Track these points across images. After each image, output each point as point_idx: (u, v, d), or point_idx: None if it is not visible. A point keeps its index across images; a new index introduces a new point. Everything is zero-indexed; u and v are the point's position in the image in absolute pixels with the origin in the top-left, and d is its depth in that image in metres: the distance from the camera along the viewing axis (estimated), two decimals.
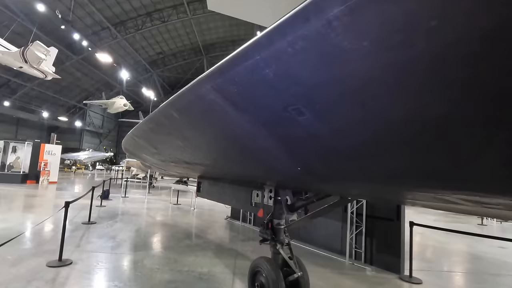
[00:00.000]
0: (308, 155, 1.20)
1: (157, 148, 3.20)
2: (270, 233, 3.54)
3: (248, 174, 2.78)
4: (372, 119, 0.87)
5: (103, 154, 37.80)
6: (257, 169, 2.18)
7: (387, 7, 0.60)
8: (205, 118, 1.68)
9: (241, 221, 8.58)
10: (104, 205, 10.57)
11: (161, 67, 44.92)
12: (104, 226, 7.26)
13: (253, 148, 1.57)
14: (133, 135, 3.42)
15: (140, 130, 2.99)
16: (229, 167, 2.70)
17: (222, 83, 1.24)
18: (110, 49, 33.36)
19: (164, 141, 2.70)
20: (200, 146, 2.22)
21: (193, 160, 3.03)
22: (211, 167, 3.17)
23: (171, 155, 3.27)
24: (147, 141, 3.21)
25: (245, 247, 6.18)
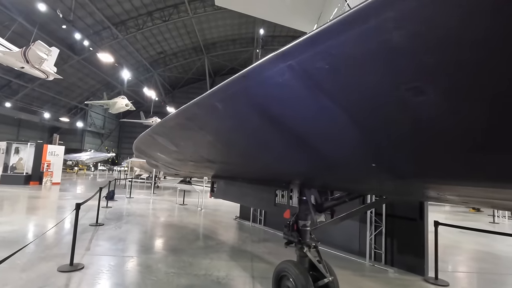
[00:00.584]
0: (402, 150, 1.02)
1: (178, 145, 3.00)
2: (296, 235, 3.34)
3: (284, 172, 2.59)
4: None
5: (105, 155, 37.62)
6: (301, 166, 1.99)
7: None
8: (248, 112, 1.50)
9: (251, 221, 8.39)
10: (110, 206, 10.40)
11: (162, 67, 44.73)
12: (112, 228, 7.08)
13: (310, 142, 1.38)
14: (152, 133, 3.23)
15: (163, 127, 2.80)
16: (262, 165, 2.51)
17: (284, 70, 1.07)
18: (111, 49, 33.17)
19: (191, 137, 2.51)
20: (234, 142, 2.04)
21: (218, 158, 2.85)
22: (236, 165, 3.00)
23: (194, 153, 3.08)
24: (169, 138, 3.02)
25: (259, 248, 5.99)
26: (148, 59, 41.17)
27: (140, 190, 17.31)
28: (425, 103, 0.76)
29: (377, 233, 5.41)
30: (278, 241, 6.67)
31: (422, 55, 0.68)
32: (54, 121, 38.41)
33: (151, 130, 3.68)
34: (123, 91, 41.93)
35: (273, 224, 7.93)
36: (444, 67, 0.69)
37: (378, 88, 0.83)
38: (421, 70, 0.72)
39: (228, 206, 12.58)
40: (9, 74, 28.69)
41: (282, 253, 5.67)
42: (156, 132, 3.51)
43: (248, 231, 7.75)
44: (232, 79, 1.25)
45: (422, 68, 0.71)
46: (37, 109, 35.28)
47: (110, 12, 29.43)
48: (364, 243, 5.48)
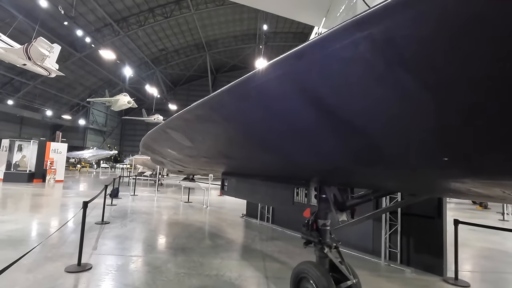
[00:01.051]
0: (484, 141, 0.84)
1: (195, 140, 2.84)
2: (316, 234, 3.18)
3: (313, 168, 2.42)
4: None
5: (107, 152, 37.54)
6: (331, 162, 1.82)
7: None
8: (290, 98, 1.32)
9: (259, 219, 8.24)
10: (115, 203, 10.27)
11: (164, 64, 44.52)
12: (118, 226, 6.95)
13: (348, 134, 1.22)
14: (166, 127, 3.06)
15: (181, 120, 2.63)
16: (288, 160, 2.35)
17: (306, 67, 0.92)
18: (112, 46, 32.98)
19: (211, 131, 2.35)
20: (263, 134, 1.86)
21: (238, 153, 2.69)
22: (257, 161, 2.83)
23: (211, 149, 2.92)
24: (185, 132, 2.86)
25: (270, 247, 5.84)
26: (149, 56, 40.97)
27: (143, 187, 17.21)
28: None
29: (392, 231, 5.25)
30: (287, 240, 6.52)
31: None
32: (56, 118, 38.33)
33: (165, 124, 3.52)
34: (125, 88, 41.83)
35: (281, 222, 7.79)
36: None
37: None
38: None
39: (233, 204, 12.45)
40: (11, 71, 28.59)
41: (293, 251, 5.54)
42: (171, 126, 3.35)
43: (256, 229, 7.61)
44: (280, 59, 1.08)
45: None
46: (39, 107, 35.20)
47: (112, 8, 29.22)
48: (378, 242, 5.32)
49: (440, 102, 0.79)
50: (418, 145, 1.01)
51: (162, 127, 3.54)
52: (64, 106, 40.54)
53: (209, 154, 3.22)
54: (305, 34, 40.95)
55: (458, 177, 1.20)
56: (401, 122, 0.94)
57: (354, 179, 2.65)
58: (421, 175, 1.40)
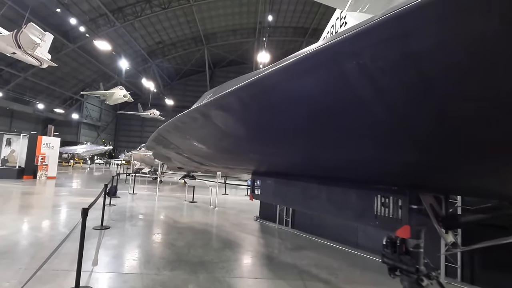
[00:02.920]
0: None
1: (219, 133, 2.02)
2: (411, 261, 2.34)
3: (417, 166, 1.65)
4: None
5: (102, 148, 36.28)
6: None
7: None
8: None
9: (277, 223, 7.39)
10: (113, 204, 9.32)
11: (161, 57, 43.17)
12: (120, 232, 6.03)
13: None
14: (187, 117, 2.24)
15: (204, 110, 1.86)
16: (370, 153, 1.63)
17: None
18: (107, 37, 31.57)
19: (247, 117, 1.61)
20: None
21: (287, 143, 1.95)
22: (314, 156, 2.05)
23: (241, 142, 2.14)
24: (205, 126, 2.07)
25: (302, 259, 4.99)
26: (146, 49, 39.64)
27: (141, 185, 16.22)
28: None
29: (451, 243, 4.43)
30: (318, 249, 5.69)
31: None
32: (48, 112, 36.89)
33: (185, 114, 2.66)
34: (120, 82, 40.46)
35: (304, 227, 6.95)
36: None
37: None
38: None
39: (242, 204, 11.60)
40: (0, 62, 27.14)
41: (331, 265, 4.72)
42: (191, 116, 2.51)
43: (275, 235, 6.76)
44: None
45: None
46: (30, 100, 33.74)
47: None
48: (433, 255, 4.50)
49: None
50: None
51: (177, 120, 2.69)
52: (56, 100, 39.05)
53: (232, 149, 2.40)
54: (305, 29, 40.10)
55: None
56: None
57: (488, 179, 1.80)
58: None
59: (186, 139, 3.27)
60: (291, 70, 1.37)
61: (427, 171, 1.96)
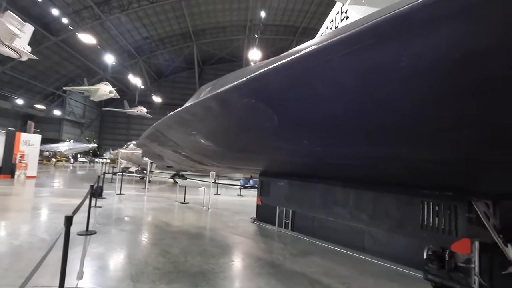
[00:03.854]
0: None
1: (235, 127, 1.63)
2: (465, 279, 1.99)
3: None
4: None
5: (85, 146, 34.93)
6: None
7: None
8: None
9: (277, 226, 7.00)
10: (99, 205, 8.69)
11: (148, 53, 42.00)
12: (108, 238, 5.49)
13: None
14: (199, 107, 1.84)
15: (220, 98, 1.49)
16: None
17: None
18: (92, 31, 30.27)
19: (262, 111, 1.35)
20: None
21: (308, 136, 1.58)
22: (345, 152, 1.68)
23: (260, 136, 1.77)
24: (218, 119, 1.66)
25: (309, 266, 4.62)
26: (133, 44, 38.42)
27: (128, 184, 15.49)
28: None
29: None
30: (324, 254, 5.34)
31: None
32: (28, 108, 35.16)
33: (195, 105, 2.24)
34: (105, 77, 39.05)
35: (305, 230, 6.60)
36: None
37: None
38: None
39: (236, 205, 11.17)
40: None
41: (342, 274, 4.37)
42: (202, 104, 2.09)
43: (276, 238, 6.38)
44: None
45: None
46: (8, 95, 32.02)
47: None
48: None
49: None
50: None
51: (181, 112, 2.26)
52: (37, 95, 37.29)
53: (257, 143, 2.01)
54: (295, 28, 39.92)
55: None
56: None
57: None
58: None
59: (191, 135, 2.82)
60: (328, 53, 1.19)
61: (490, 170, 1.63)
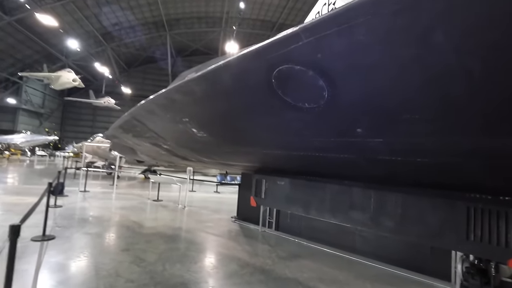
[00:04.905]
0: None
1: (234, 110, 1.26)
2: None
3: None
4: None
5: (45, 138, 32.14)
6: None
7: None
8: None
9: (261, 225, 6.59)
10: (60, 204, 7.73)
11: (117, 41, 39.49)
12: (69, 245, 4.73)
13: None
14: (196, 83, 1.39)
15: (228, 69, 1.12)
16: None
17: None
18: (53, 13, 27.67)
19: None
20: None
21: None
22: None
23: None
24: (221, 97, 1.25)
25: (302, 271, 4.25)
26: (100, 30, 35.86)
27: (94, 180, 14.27)
28: None
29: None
30: (313, 257, 5.01)
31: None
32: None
33: (210, 74, 1.72)
34: (68, 64, 36.14)
35: (291, 229, 6.25)
36: None
37: None
38: None
39: (213, 202, 10.61)
40: None
41: (337, 278, 4.05)
42: (206, 86, 1.59)
43: (261, 240, 5.96)
44: None
45: None
46: None
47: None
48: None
49: None
50: None
51: (192, 84, 1.73)
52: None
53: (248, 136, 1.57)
54: (272, 23, 39.65)
55: None
56: None
57: None
58: None
59: (180, 124, 2.28)
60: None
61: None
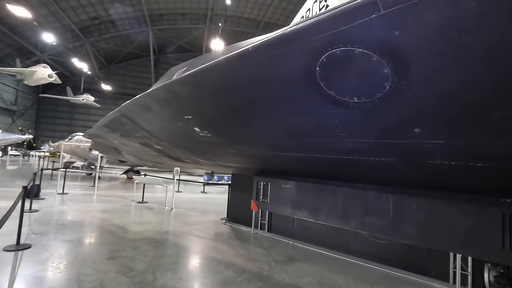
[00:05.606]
0: None
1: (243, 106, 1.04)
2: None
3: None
4: None
5: (18, 137, 30.36)
6: None
7: None
8: None
9: (253, 227, 6.38)
10: (36, 209, 7.18)
11: (96, 36, 37.98)
12: (47, 254, 4.32)
13: None
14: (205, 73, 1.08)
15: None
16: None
17: None
18: (27, 4, 26.14)
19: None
20: None
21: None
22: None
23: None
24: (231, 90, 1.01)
25: (302, 276, 4.07)
26: (78, 24, 34.34)
27: (72, 181, 13.56)
28: None
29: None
30: (310, 259, 4.86)
31: None
32: None
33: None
34: (43, 59, 34.41)
35: (284, 231, 6.10)
36: None
37: None
38: None
39: (200, 203, 10.31)
40: None
41: (337, 283, 3.92)
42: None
43: (255, 242, 5.75)
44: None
45: None
46: None
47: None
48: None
49: None
50: None
51: (201, 74, 1.50)
52: None
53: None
54: (258, 21, 39.45)
55: None
56: None
57: None
58: None
59: (181, 122, 2.01)
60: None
61: None
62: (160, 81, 3.45)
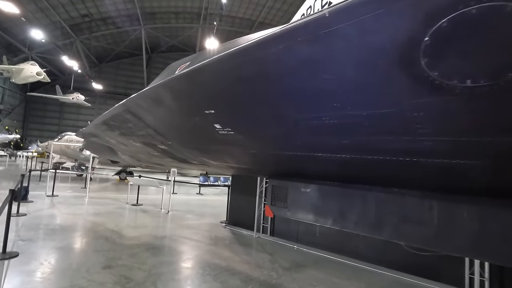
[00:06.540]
0: None
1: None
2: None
3: None
4: None
5: (5, 137, 29.46)
6: None
7: None
8: None
9: (255, 230, 6.12)
10: (23, 212, 6.76)
11: (87, 34, 37.07)
12: (36, 264, 3.98)
13: None
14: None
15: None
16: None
17: None
18: (14, 0, 25.26)
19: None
20: None
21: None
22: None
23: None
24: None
25: (313, 286, 3.83)
26: (68, 21, 33.48)
27: (62, 183, 13.05)
28: None
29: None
30: (318, 265, 4.63)
31: None
32: None
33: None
34: (31, 57, 33.39)
35: (288, 235, 5.86)
36: None
37: None
38: None
39: (197, 205, 9.99)
40: None
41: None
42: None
43: (258, 247, 5.49)
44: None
45: None
46: None
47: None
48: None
49: None
50: None
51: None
52: None
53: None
54: (252, 21, 39.25)
55: None
56: None
57: None
58: None
59: (199, 116, 1.75)
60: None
61: None
62: (160, 77, 3.19)
